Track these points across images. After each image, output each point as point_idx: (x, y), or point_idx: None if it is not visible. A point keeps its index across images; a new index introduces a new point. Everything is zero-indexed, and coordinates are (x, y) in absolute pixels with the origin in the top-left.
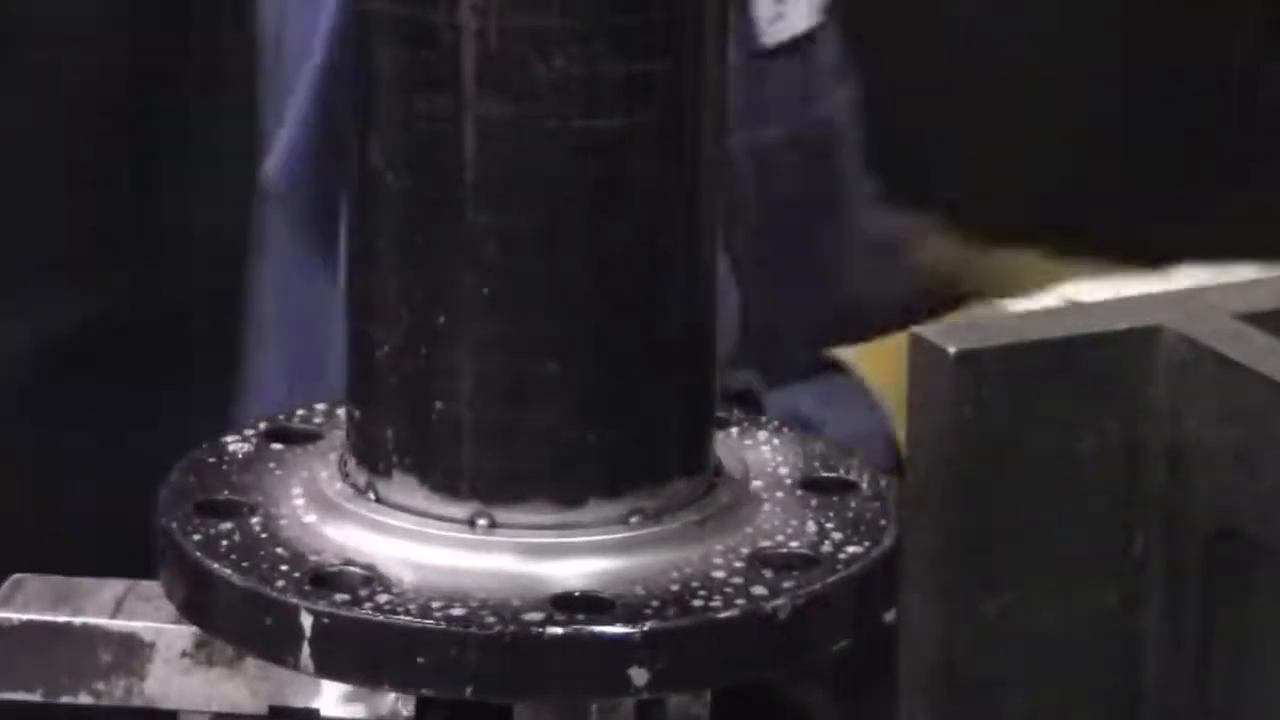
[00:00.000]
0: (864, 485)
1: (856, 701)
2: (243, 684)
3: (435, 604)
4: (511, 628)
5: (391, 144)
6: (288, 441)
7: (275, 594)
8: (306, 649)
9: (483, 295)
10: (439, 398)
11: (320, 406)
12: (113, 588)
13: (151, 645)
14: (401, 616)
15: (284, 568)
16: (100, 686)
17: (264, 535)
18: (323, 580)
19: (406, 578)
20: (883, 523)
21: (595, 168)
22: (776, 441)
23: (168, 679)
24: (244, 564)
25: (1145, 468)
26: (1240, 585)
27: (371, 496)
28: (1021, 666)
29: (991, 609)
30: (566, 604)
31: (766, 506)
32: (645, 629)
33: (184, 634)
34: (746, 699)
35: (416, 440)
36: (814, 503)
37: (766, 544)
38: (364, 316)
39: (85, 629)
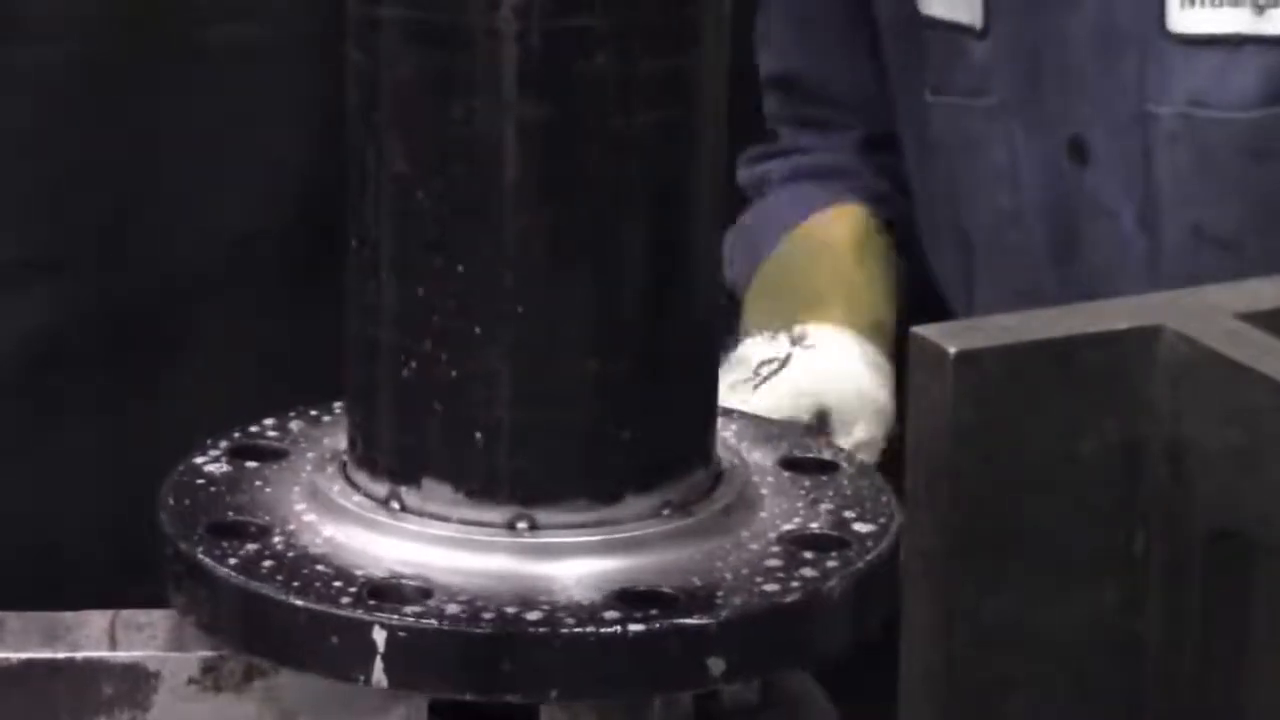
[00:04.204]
0: (844, 464)
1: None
2: (251, 707)
3: (510, 610)
4: (594, 628)
5: (422, 150)
6: (260, 459)
7: (343, 611)
8: (379, 664)
9: (521, 298)
10: (475, 403)
11: (269, 421)
12: (97, 620)
13: (157, 674)
14: (482, 625)
15: (337, 584)
16: None
17: (292, 554)
18: (381, 593)
19: (463, 585)
20: (884, 499)
21: (631, 165)
22: (735, 426)
23: (172, 707)
24: (294, 584)
25: (1145, 468)
26: (1240, 585)
27: (396, 506)
28: (1021, 666)
29: (991, 609)
30: (633, 600)
31: (766, 491)
32: (722, 619)
33: (189, 660)
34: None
35: (450, 447)
36: (806, 484)
37: (789, 527)
38: (382, 327)
39: (88, 663)
